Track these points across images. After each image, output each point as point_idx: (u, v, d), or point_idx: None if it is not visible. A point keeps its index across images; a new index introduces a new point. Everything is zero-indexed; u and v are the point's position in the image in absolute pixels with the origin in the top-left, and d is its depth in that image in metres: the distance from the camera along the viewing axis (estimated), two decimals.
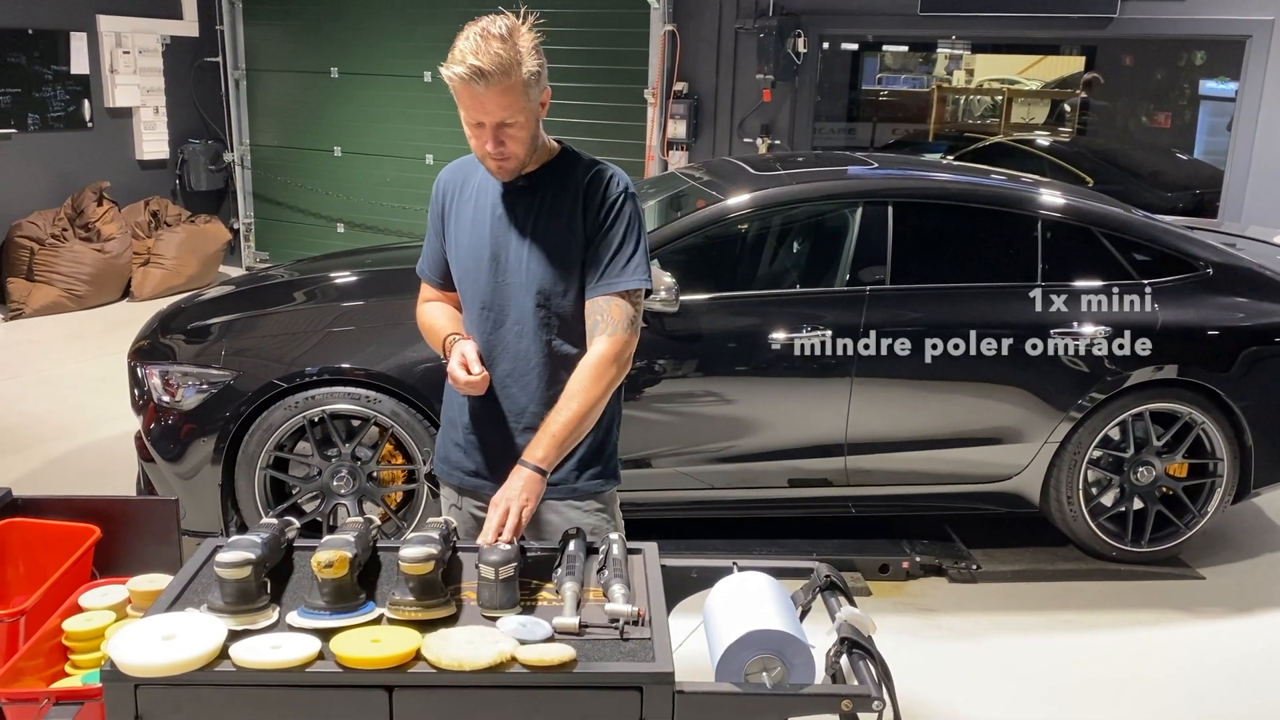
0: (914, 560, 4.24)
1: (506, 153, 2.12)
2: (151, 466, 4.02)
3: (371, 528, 2.01)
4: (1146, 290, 4.22)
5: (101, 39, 8.59)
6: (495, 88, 2.03)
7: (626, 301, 2.20)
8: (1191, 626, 3.98)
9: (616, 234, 2.19)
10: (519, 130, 2.11)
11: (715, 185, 4.43)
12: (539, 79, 2.10)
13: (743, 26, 7.64)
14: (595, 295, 2.20)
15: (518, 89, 2.05)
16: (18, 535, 2.27)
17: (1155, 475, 4.29)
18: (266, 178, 9.41)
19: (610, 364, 2.17)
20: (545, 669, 1.67)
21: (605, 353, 2.17)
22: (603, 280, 2.20)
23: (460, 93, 2.07)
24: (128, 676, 1.64)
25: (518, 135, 2.11)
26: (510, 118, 2.08)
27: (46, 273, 7.84)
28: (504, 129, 2.09)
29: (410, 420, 3.87)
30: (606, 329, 2.18)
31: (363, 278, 4.83)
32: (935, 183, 4.55)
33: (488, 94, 2.03)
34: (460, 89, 2.06)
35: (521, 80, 2.05)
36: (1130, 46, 11.29)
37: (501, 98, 2.05)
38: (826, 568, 2.10)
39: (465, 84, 2.03)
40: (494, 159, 2.14)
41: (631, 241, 2.20)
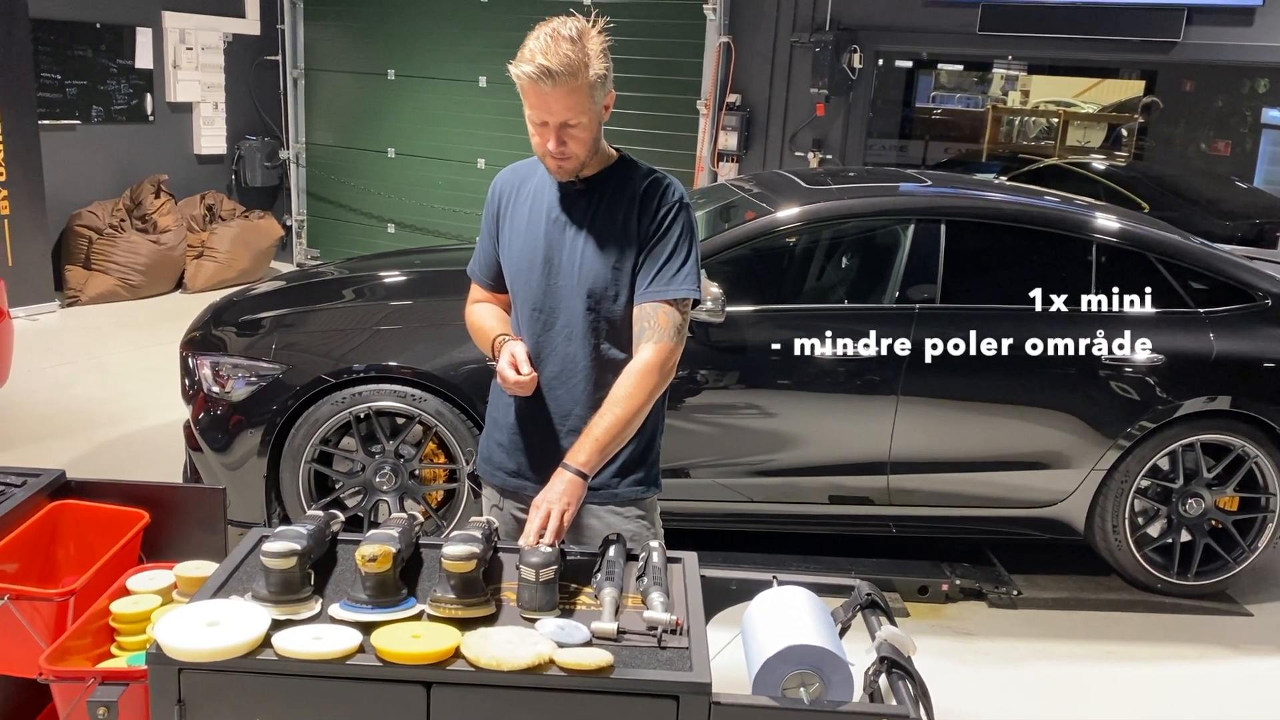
0: (953, 583, 4.19)
1: (568, 152, 2.14)
2: (199, 455, 4.08)
3: (415, 524, 2.03)
4: (1203, 319, 4.15)
5: (166, 35, 8.76)
6: (562, 88, 2.05)
7: (675, 309, 2.20)
8: (1237, 664, 3.90)
9: (669, 242, 2.20)
10: (582, 131, 2.12)
11: (765, 197, 4.42)
12: (605, 82, 2.12)
13: (798, 40, 7.62)
14: (644, 302, 2.20)
15: (583, 90, 2.07)
16: (70, 517, 2.32)
17: (1204, 507, 4.21)
18: (320, 176, 9.54)
19: (655, 371, 2.17)
20: (582, 673, 1.67)
21: (651, 360, 2.17)
22: (652, 287, 2.20)
23: (527, 91, 2.09)
24: (172, 660, 1.66)
25: (580, 136, 2.13)
26: (574, 119, 2.10)
27: (103, 262, 8.00)
28: (567, 129, 2.11)
29: (454, 420, 3.90)
30: (654, 336, 2.18)
31: (412, 278, 4.87)
32: (989, 203, 4.51)
33: (554, 94, 2.06)
34: (527, 87, 2.08)
35: (588, 82, 2.07)
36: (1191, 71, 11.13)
37: (567, 98, 2.07)
38: (868, 585, 2.08)
39: (533, 83, 2.05)
40: (555, 158, 2.16)
41: (683, 251, 2.21)
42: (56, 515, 2.30)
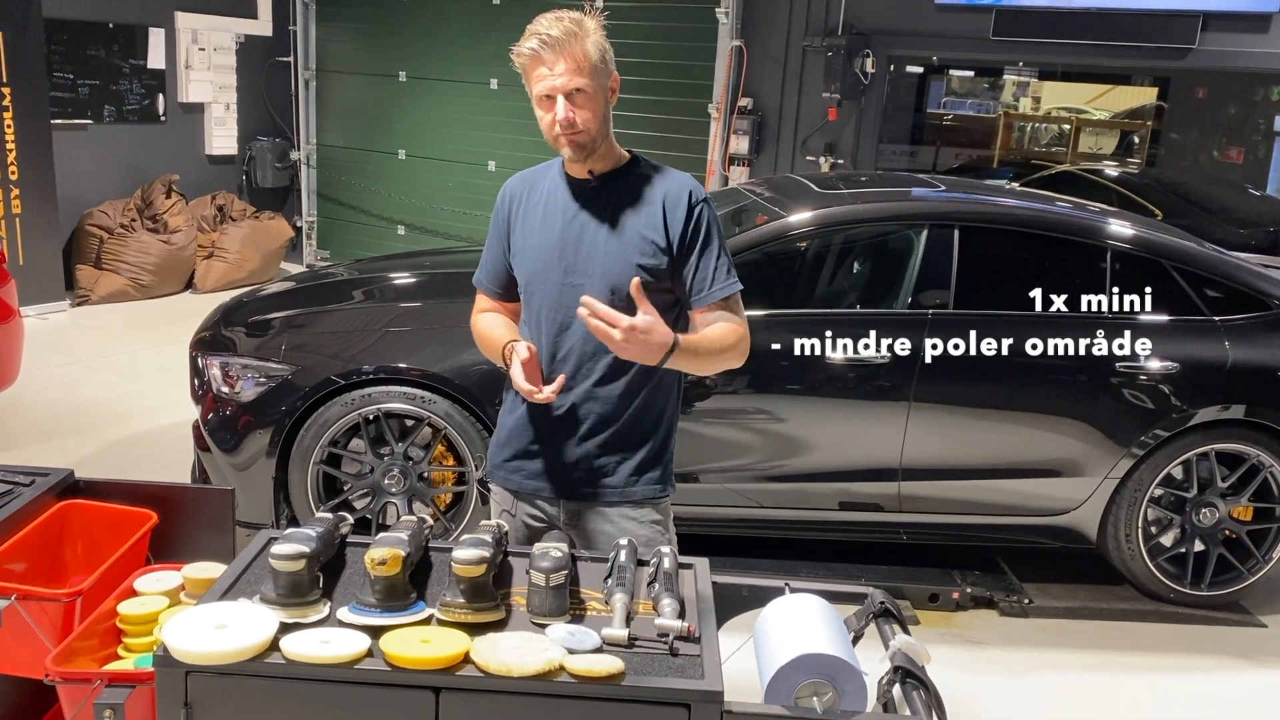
0: (964, 591, 4.17)
1: (578, 124, 2.13)
2: (207, 456, 4.07)
3: (425, 527, 2.01)
4: (1218, 326, 4.11)
5: (178, 35, 8.78)
6: (565, 52, 2.09)
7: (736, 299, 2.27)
8: (1250, 676, 3.86)
9: (712, 244, 2.24)
10: (588, 101, 2.13)
11: (777, 201, 4.40)
12: (606, 58, 2.16)
13: (811, 44, 7.61)
14: (707, 304, 2.23)
15: (585, 57, 2.11)
16: (78, 516, 2.31)
17: (1218, 517, 4.18)
18: (331, 177, 9.55)
19: (742, 336, 2.22)
20: (593, 680, 1.65)
21: (738, 327, 2.23)
22: (713, 289, 2.23)
23: (530, 68, 2.13)
24: (180, 663, 1.65)
25: (589, 106, 2.14)
26: (580, 84, 2.11)
27: (114, 261, 8.01)
28: (574, 96, 2.12)
29: (463, 422, 3.88)
30: (732, 320, 2.23)
31: (422, 279, 4.87)
32: (1002, 208, 4.48)
33: (557, 59, 2.09)
34: (530, 63, 2.12)
35: (588, 46, 2.11)
36: (1204, 78, 11.07)
37: (570, 62, 2.10)
38: (881, 594, 2.06)
39: (535, 55, 2.10)
40: (566, 133, 2.14)
41: (720, 247, 2.26)
42: (64, 515, 2.29)
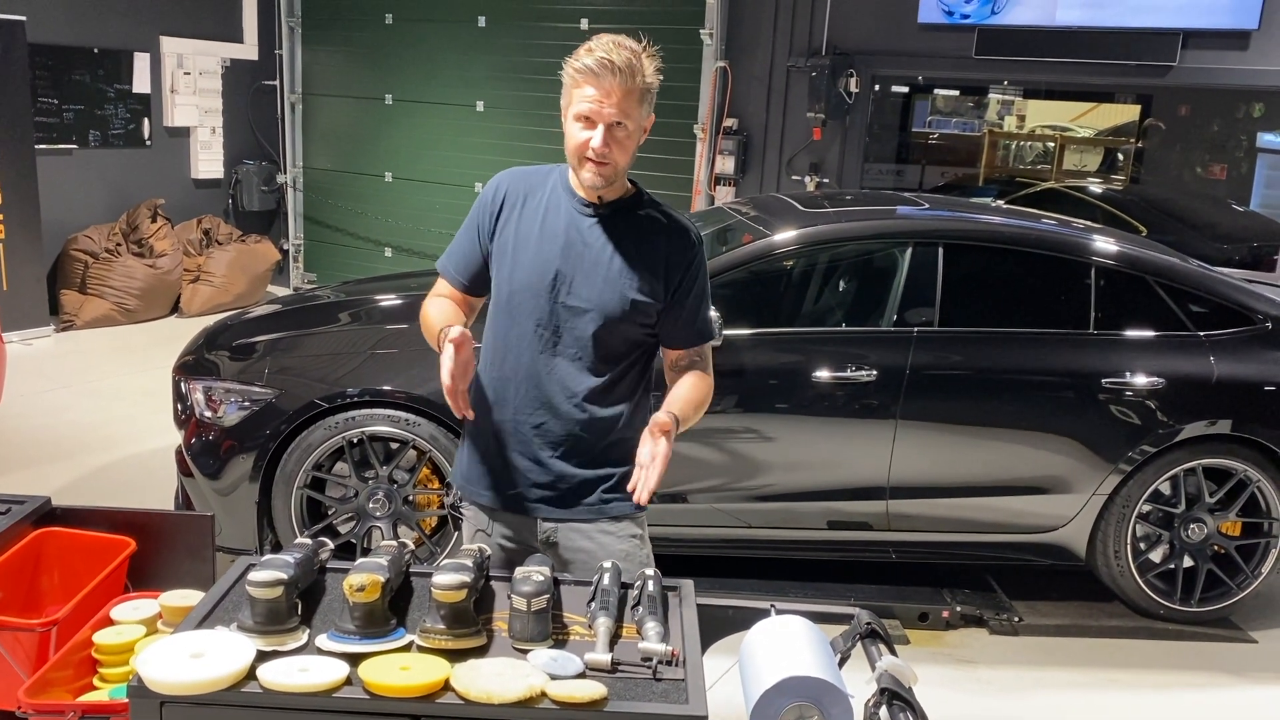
0: (954, 610, 4.15)
1: (610, 156, 2.13)
2: (190, 481, 4.03)
3: (405, 552, 1.99)
4: (1203, 342, 4.12)
5: (164, 60, 8.78)
6: (622, 85, 2.08)
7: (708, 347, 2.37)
8: (1241, 691, 3.85)
9: (703, 290, 2.31)
10: (627, 138, 2.14)
11: (762, 221, 4.41)
12: (651, 98, 2.16)
13: (795, 64, 7.64)
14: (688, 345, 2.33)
15: (636, 94, 2.11)
16: (54, 545, 2.27)
17: (1207, 533, 4.17)
18: (318, 200, 9.53)
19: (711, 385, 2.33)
20: (575, 706, 1.62)
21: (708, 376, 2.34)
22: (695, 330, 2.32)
23: (583, 84, 2.10)
24: (154, 693, 1.62)
25: (625, 143, 2.14)
26: (624, 119, 2.11)
27: (99, 286, 7.97)
28: (615, 130, 2.12)
29: (449, 445, 3.86)
30: (704, 366, 2.34)
31: (407, 301, 4.83)
32: (987, 226, 4.49)
33: (612, 88, 2.08)
34: (584, 81, 2.09)
35: (642, 87, 2.11)
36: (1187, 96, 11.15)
37: (623, 96, 2.09)
38: (868, 614, 2.04)
39: (594, 75, 2.07)
40: (595, 160, 2.13)
41: (707, 295, 2.34)
42: (40, 543, 2.26)
